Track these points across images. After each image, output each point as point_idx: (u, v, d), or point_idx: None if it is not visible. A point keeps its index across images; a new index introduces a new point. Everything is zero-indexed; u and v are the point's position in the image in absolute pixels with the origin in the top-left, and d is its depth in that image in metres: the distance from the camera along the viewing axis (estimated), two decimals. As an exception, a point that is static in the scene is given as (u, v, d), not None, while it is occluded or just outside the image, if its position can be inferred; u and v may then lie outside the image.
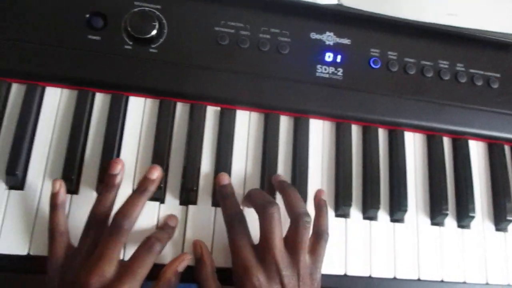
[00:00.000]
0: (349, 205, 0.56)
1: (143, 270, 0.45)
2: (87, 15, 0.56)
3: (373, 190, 0.57)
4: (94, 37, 0.55)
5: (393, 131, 0.61)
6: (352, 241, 0.56)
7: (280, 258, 0.47)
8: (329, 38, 0.61)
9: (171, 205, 0.53)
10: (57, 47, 0.54)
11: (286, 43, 0.59)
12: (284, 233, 0.50)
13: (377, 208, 0.57)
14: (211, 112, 0.57)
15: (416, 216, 0.59)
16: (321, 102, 0.59)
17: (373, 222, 0.57)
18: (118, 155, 0.53)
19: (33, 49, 0.53)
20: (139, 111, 0.56)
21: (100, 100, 0.55)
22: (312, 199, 0.55)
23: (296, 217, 0.49)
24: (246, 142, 0.57)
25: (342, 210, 0.57)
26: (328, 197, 0.57)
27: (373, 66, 0.61)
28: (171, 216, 0.52)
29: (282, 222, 0.49)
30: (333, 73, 0.60)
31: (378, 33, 0.63)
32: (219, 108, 0.58)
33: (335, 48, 0.61)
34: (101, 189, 0.49)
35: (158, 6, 0.57)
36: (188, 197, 0.53)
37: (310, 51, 0.60)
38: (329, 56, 0.61)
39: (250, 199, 0.52)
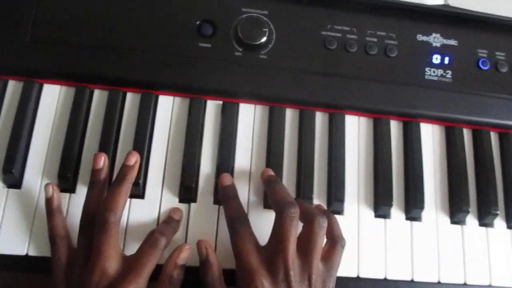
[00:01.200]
0: (466, 211, 0.54)
1: (148, 267, 0.43)
2: (198, 23, 0.56)
3: (490, 196, 0.55)
4: (205, 45, 0.55)
5: (505, 134, 0.59)
6: (469, 248, 0.54)
7: (291, 261, 0.43)
8: (435, 39, 0.60)
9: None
10: (170, 55, 0.54)
11: (394, 46, 0.58)
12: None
13: (495, 214, 0.55)
14: (320, 118, 0.57)
15: (532, 223, 0.57)
16: (431, 105, 0.57)
17: (489, 229, 0.55)
18: (233, 162, 0.53)
19: (147, 58, 0.54)
20: (249, 117, 0.55)
21: (212, 108, 0.55)
22: (429, 206, 0.54)
23: (311, 217, 0.46)
24: (357, 148, 0.56)
25: (457, 217, 0.55)
26: (443, 204, 0.55)
27: (482, 67, 0.59)
28: (175, 209, 0.50)
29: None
30: (441, 75, 0.58)
31: (485, 33, 0.61)
32: (327, 114, 0.57)
33: (442, 50, 0.59)
34: (88, 187, 0.48)
35: (265, 12, 0.57)
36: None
37: (418, 54, 0.59)
38: (436, 58, 0.59)
39: (271, 194, 0.49)
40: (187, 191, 0.51)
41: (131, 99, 0.54)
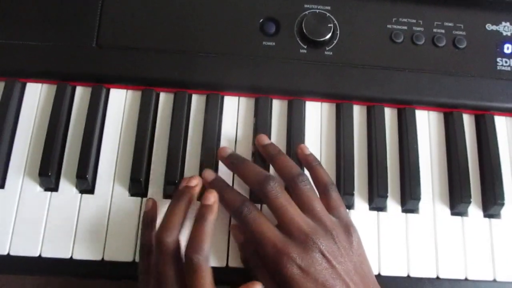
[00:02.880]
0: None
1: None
2: (261, 21, 0.55)
3: None
4: (269, 43, 0.54)
5: None
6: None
7: (305, 225, 0.42)
8: (505, 28, 0.57)
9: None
10: (234, 56, 0.54)
11: (462, 36, 0.56)
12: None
13: None
14: (389, 114, 0.55)
15: None
16: (505, 97, 0.55)
17: None
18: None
19: (212, 60, 0.53)
20: (316, 115, 0.54)
21: (278, 106, 0.54)
22: (508, 202, 0.52)
23: (292, 179, 0.46)
24: (429, 143, 0.54)
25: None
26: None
27: (557, 55, 0.57)
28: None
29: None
30: (514, 65, 0.56)
31: (557, 20, 0.58)
32: (396, 109, 0.55)
33: (514, 39, 0.57)
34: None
35: (328, 7, 0.56)
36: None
37: (488, 44, 0.56)
38: (508, 48, 0.57)
39: (243, 178, 0.47)
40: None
41: (197, 101, 0.54)
